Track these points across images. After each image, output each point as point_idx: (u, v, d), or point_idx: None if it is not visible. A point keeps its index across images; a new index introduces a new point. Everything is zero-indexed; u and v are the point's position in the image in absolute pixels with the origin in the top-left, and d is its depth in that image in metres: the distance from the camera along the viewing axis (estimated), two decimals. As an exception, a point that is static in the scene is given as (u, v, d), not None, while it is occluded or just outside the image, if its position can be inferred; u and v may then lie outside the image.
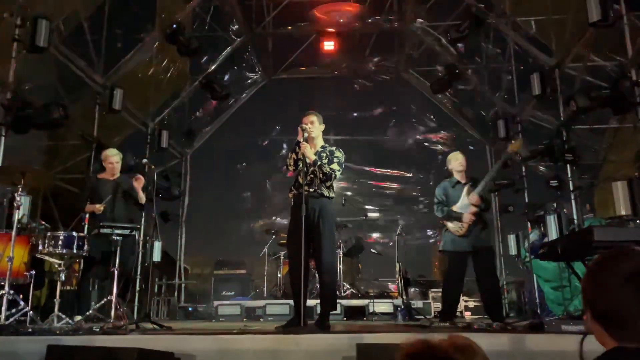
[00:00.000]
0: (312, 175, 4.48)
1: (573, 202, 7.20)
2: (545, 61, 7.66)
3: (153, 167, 5.70)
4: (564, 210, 7.48)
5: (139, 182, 5.44)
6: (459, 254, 5.06)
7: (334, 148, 4.67)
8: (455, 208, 5.14)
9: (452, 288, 5.17)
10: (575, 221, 7.11)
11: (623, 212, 6.00)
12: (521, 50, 8.29)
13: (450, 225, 5.14)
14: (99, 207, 5.34)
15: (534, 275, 7.96)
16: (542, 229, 8.05)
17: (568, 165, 7.19)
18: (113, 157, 5.72)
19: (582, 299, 1.34)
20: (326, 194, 4.50)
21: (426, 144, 11.23)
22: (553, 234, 7.27)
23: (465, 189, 5.18)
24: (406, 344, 1.18)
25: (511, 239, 9.04)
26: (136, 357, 2.97)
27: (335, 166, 4.51)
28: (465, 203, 5.11)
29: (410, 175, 11.14)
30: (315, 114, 4.74)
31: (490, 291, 5.00)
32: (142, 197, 5.53)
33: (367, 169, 11.14)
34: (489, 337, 3.58)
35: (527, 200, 8.68)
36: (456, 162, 5.35)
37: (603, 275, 1.27)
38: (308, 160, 4.41)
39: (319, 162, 4.46)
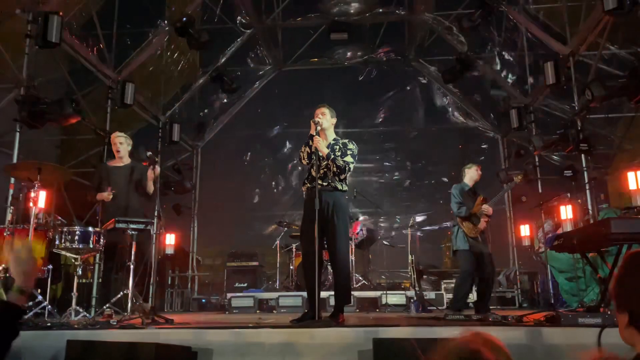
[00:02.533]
0: (325, 169, 4.47)
1: (587, 192, 7.13)
2: (559, 49, 7.55)
3: (157, 159, 5.66)
4: (578, 200, 7.41)
5: (152, 172, 5.32)
6: (472, 253, 5.59)
7: (346, 140, 4.65)
8: None
9: (465, 284, 5.67)
10: (590, 211, 7.05)
11: (639, 202, 5.93)
12: (534, 38, 8.17)
13: (466, 225, 5.64)
14: (107, 195, 5.27)
15: (547, 266, 7.92)
16: (556, 219, 7.99)
17: (582, 155, 7.11)
18: (117, 138, 5.62)
19: (614, 304, 1.30)
20: (339, 187, 4.49)
21: (438, 134, 11.14)
22: (567, 224, 7.22)
23: (480, 198, 5.72)
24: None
25: (525, 229, 8.98)
26: (154, 352, 3.00)
27: (349, 158, 4.50)
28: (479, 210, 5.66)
29: (421, 165, 11.09)
30: (327, 106, 4.72)
31: (484, 291, 5.60)
32: (151, 187, 5.41)
33: (379, 160, 11.11)
34: (505, 330, 3.56)
35: (540, 191, 8.61)
36: (476, 172, 6.01)
37: (637, 281, 1.23)
38: (321, 154, 4.40)
39: (332, 156, 4.44)
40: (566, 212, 7.35)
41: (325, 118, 4.60)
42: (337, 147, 4.56)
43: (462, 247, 5.67)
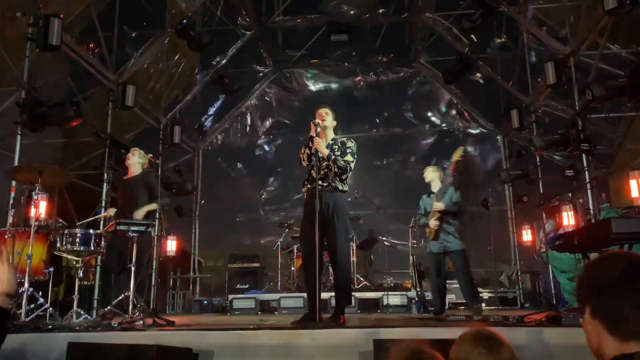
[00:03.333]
0: (325, 170, 4.47)
1: (589, 191, 7.11)
2: (559, 49, 7.54)
3: (158, 161, 5.73)
4: (580, 200, 7.40)
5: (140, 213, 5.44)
6: (432, 255, 5.67)
7: (345, 139, 4.66)
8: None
9: (432, 284, 5.91)
10: (591, 211, 7.04)
11: (640, 202, 5.93)
12: (535, 38, 8.17)
13: (426, 230, 5.80)
14: (108, 213, 5.54)
15: (549, 265, 7.91)
16: (557, 219, 7.98)
17: (584, 155, 7.09)
18: (129, 154, 5.87)
19: (579, 296, 1.32)
20: (340, 187, 4.49)
21: (438, 135, 11.14)
22: (569, 224, 7.21)
23: (434, 197, 5.71)
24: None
25: (526, 229, 8.97)
26: (155, 354, 3.00)
27: (349, 157, 4.50)
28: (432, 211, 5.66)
29: (422, 166, 11.06)
30: (328, 107, 4.74)
31: (462, 286, 5.60)
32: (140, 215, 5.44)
33: (379, 162, 11.11)
34: (505, 330, 3.55)
35: (541, 191, 8.60)
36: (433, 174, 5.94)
37: (603, 273, 1.26)
38: (321, 156, 4.41)
39: (333, 157, 4.44)
40: (568, 212, 7.36)
41: (328, 117, 4.63)
42: (336, 146, 4.57)
43: (429, 249, 5.80)
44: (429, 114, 11.29)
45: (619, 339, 1.18)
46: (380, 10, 9.94)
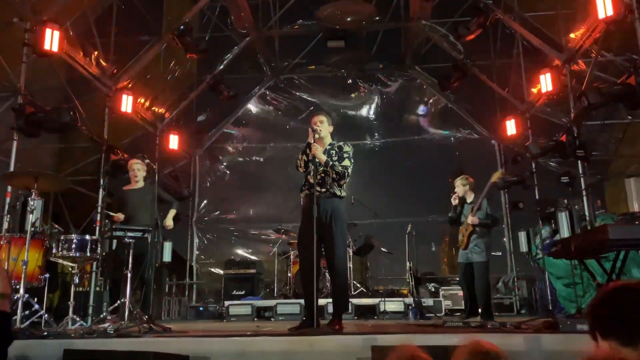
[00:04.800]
0: (322, 175, 4.47)
1: (584, 198, 7.15)
2: (555, 57, 7.60)
3: (155, 166, 5.75)
4: (575, 206, 7.43)
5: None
6: (460, 264, 5.95)
7: (342, 143, 4.65)
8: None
9: (463, 291, 6.14)
10: (587, 217, 7.06)
11: (636, 208, 5.96)
12: (530, 46, 8.23)
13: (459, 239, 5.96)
14: (117, 217, 5.52)
15: (545, 272, 7.92)
16: (553, 225, 8.00)
17: (579, 161, 7.13)
18: (134, 165, 5.86)
19: (590, 328, 1.39)
20: (338, 193, 4.49)
21: (434, 141, 11.15)
22: (565, 230, 7.23)
23: (470, 208, 5.88)
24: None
25: (522, 235, 8.99)
26: (152, 361, 2.99)
27: (346, 162, 4.50)
28: (466, 221, 5.86)
29: (418, 172, 11.08)
30: (324, 113, 4.74)
31: (479, 296, 5.75)
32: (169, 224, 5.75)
33: (375, 169, 11.09)
34: (503, 337, 3.56)
35: (537, 197, 8.63)
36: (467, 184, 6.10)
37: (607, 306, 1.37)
38: (319, 162, 4.40)
39: (331, 163, 4.44)
40: (563, 218, 7.38)
41: (323, 125, 4.61)
42: (333, 151, 4.57)
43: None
44: (425, 120, 11.32)
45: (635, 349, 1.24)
46: (377, 17, 9.98)
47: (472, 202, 5.91)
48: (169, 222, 5.72)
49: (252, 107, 11.59)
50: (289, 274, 8.86)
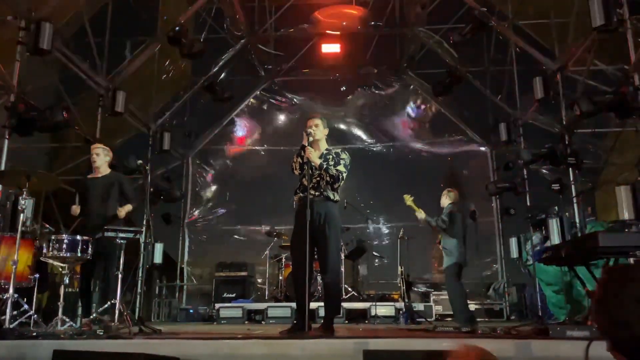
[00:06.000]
0: (317, 178, 4.47)
1: (575, 205, 7.21)
2: (547, 65, 7.67)
3: (147, 168, 5.62)
4: (566, 213, 7.48)
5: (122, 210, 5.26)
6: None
7: (339, 150, 4.65)
8: None
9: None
10: (578, 224, 7.12)
11: (626, 216, 6.01)
12: (523, 53, 8.30)
13: None
14: (74, 209, 5.25)
15: (535, 278, 7.96)
16: (544, 232, 8.06)
17: (570, 169, 7.19)
18: (94, 149, 5.51)
19: (599, 329, 1.30)
20: (332, 197, 4.49)
21: (427, 147, 11.20)
22: (555, 237, 7.28)
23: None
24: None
25: (513, 242, 9.05)
26: (142, 362, 2.97)
27: (341, 167, 4.49)
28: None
29: (411, 178, 11.10)
30: (319, 116, 4.73)
31: (451, 304, 6.02)
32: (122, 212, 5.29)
33: (368, 174, 11.11)
34: (493, 342, 3.57)
35: (528, 204, 8.69)
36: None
37: (615, 306, 1.22)
38: (314, 165, 4.40)
39: (325, 166, 4.44)
40: (554, 225, 7.43)
41: (318, 129, 4.60)
42: (330, 156, 4.56)
43: None
44: (418, 125, 11.36)
45: None
46: (372, 23, 10.03)
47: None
48: (122, 212, 5.21)
49: (247, 109, 11.58)
50: (281, 277, 8.85)
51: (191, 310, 9.01)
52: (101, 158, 5.46)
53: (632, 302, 1.18)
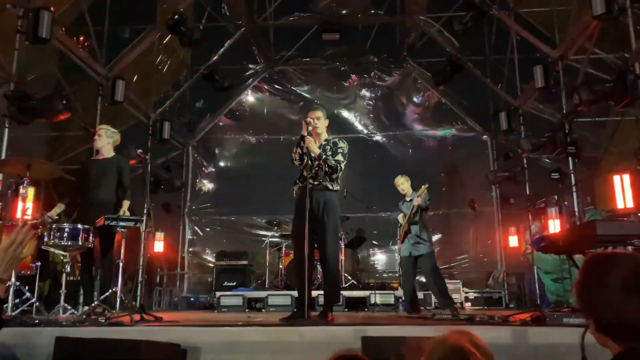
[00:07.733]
0: (316, 169, 4.50)
1: (574, 194, 7.22)
2: (548, 53, 7.64)
3: (147, 157, 5.59)
4: (565, 202, 7.50)
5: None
6: (403, 258, 6.36)
7: (337, 139, 4.69)
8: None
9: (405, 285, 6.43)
10: (577, 213, 7.14)
11: (624, 205, 6.03)
12: (524, 42, 8.26)
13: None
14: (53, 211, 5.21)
15: (534, 267, 8.01)
16: (543, 221, 8.09)
17: (570, 158, 7.20)
18: (95, 137, 5.44)
19: (581, 311, 1.34)
20: (330, 186, 4.52)
21: (427, 136, 11.18)
22: (554, 226, 7.31)
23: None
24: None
25: (512, 230, 9.08)
26: (143, 349, 3.00)
27: (339, 157, 4.53)
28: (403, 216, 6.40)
29: (411, 166, 11.10)
30: (321, 108, 4.78)
31: (432, 286, 6.21)
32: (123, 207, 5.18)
33: (368, 163, 11.11)
34: (490, 329, 3.61)
35: (528, 192, 8.70)
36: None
37: (598, 289, 1.27)
38: (313, 155, 4.43)
39: (324, 156, 4.47)
40: (553, 214, 7.46)
41: (320, 122, 4.66)
42: (329, 146, 4.61)
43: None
44: (418, 115, 11.33)
45: (625, 344, 1.22)
46: (372, 11, 9.97)
47: (412, 199, 6.34)
48: (124, 208, 5.06)
49: (246, 98, 11.55)
50: (281, 266, 8.90)
51: (192, 299, 9.07)
52: (103, 139, 5.38)
53: (615, 285, 1.24)
